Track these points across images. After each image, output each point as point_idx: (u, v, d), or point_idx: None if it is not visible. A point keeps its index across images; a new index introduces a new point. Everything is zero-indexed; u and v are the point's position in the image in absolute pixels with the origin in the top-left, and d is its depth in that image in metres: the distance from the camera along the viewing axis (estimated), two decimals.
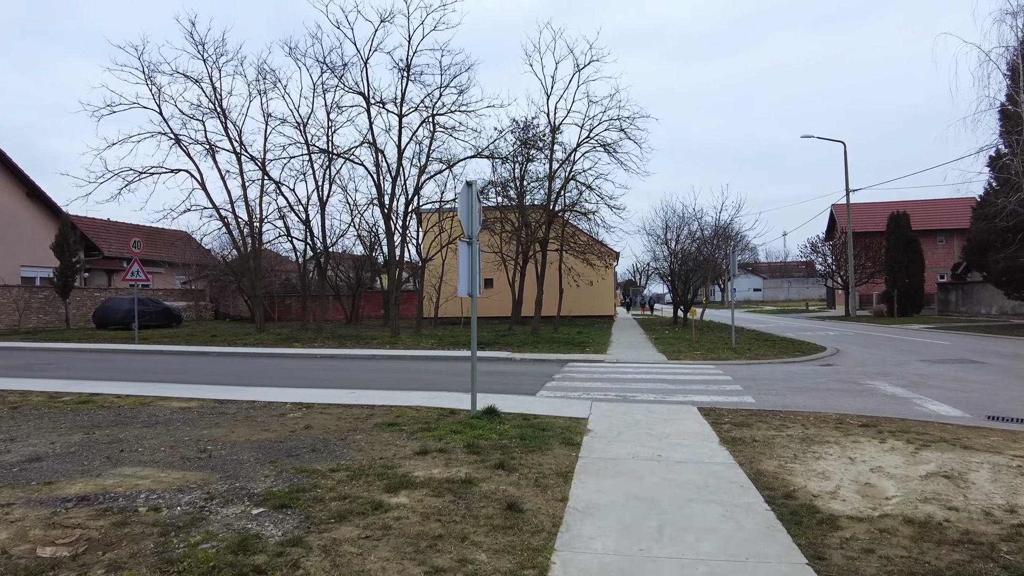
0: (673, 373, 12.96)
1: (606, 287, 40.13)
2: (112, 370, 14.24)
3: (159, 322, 31.06)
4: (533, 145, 23.95)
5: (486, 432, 6.80)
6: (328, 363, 15.93)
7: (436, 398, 9.43)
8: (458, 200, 7.29)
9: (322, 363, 15.94)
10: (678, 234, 31.83)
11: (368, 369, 14.51)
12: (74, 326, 30.42)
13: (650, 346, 19.28)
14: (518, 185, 27.01)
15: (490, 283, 39.98)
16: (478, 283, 7.63)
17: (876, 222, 47.23)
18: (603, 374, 12.87)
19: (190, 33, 23.03)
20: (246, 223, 24.79)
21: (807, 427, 7.36)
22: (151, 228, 38.84)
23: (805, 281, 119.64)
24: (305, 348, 19.29)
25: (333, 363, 15.91)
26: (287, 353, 17.89)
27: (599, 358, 15.83)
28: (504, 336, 23.01)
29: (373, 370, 14.31)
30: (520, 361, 15.61)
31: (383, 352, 17.64)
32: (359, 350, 18.38)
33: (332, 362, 16.15)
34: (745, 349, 17.34)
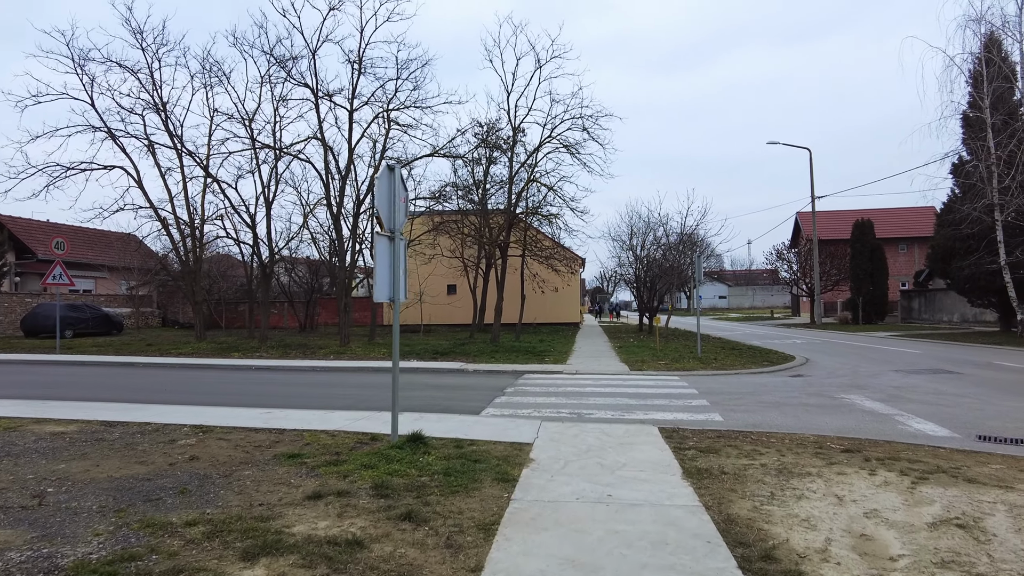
0: (635, 386, 11.94)
1: (572, 294, 39.26)
2: (2, 385, 12.66)
3: (97, 329, 29.09)
4: (494, 145, 22.90)
5: (404, 466, 5.63)
6: (261, 376, 14.55)
7: (363, 419, 8.21)
8: (376, 186, 6.13)
9: (254, 376, 14.56)
10: (643, 240, 31.08)
11: (302, 383, 13.19)
12: (0, 334, 28.29)
13: (613, 355, 18.30)
14: (481, 188, 25.95)
15: (452, 289, 38.79)
16: (402, 286, 6.46)
17: (841, 230, 47.36)
18: (559, 387, 11.80)
19: (127, 20, 21.40)
20: (187, 224, 23.17)
21: (783, 453, 6.36)
22: (96, 231, 36.83)
23: (770, 288, 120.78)
24: (243, 359, 17.83)
25: (266, 376, 14.54)
26: (220, 364, 16.42)
27: (558, 369, 14.76)
28: (463, 345, 21.83)
29: (307, 384, 13.00)
30: (472, 373, 14.44)
31: (325, 363, 16.30)
32: (301, 361, 17.02)
33: (266, 375, 14.77)
34: (711, 358, 16.47)
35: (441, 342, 23.48)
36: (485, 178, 24.27)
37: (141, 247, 26.93)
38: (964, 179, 24.28)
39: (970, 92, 25.69)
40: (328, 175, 20.43)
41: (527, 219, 24.26)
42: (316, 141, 20.71)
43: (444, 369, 14.82)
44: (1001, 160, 23.25)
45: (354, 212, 21.96)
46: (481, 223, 23.90)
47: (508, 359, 16.81)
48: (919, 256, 50.42)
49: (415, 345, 21.94)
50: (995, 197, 23.02)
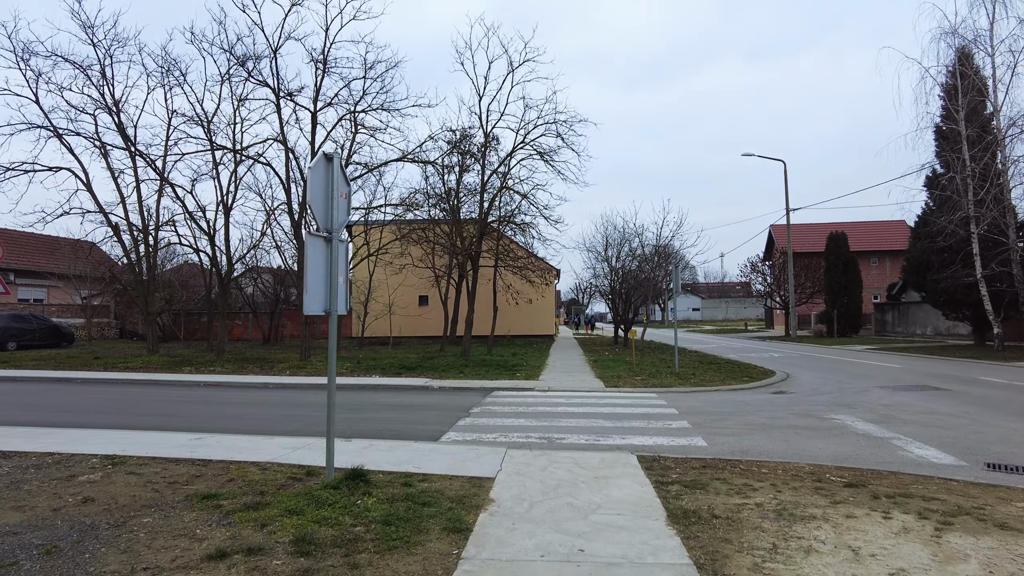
0: (611, 404, 11.13)
1: (546, 305, 38.51)
2: None
3: (44, 341, 27.48)
4: (466, 151, 22.10)
5: (336, 512, 4.70)
6: (208, 393, 13.44)
7: (304, 448, 7.24)
8: (309, 178, 5.23)
9: (200, 393, 13.44)
10: (619, 251, 30.47)
11: (250, 402, 12.13)
12: None
13: (588, 370, 17.50)
14: (453, 196, 25.10)
15: (424, 300, 37.76)
16: (342, 297, 5.56)
17: (815, 242, 47.46)
18: (530, 407, 10.93)
19: (75, 13, 20.19)
20: (139, 230, 21.89)
21: (779, 489, 5.57)
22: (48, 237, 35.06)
23: (743, 301, 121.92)
24: (194, 374, 16.65)
25: (214, 393, 13.43)
26: (166, 380, 15.23)
27: (529, 385, 13.89)
28: (431, 359, 20.85)
29: (256, 403, 11.95)
30: (437, 390, 13.49)
31: (281, 379, 15.21)
32: (256, 376, 15.89)
33: (214, 392, 13.66)
34: (689, 374, 15.75)
35: (410, 355, 22.49)
36: (458, 186, 23.44)
37: (93, 253, 25.41)
38: (940, 191, 24.09)
39: (943, 105, 25.65)
40: (289, 180, 19.40)
41: (500, 228, 23.45)
42: (278, 144, 19.68)
43: (407, 386, 13.85)
44: (976, 173, 23.13)
45: None
46: (453, 232, 23.04)
47: (477, 374, 15.90)
48: (891, 269, 50.78)
49: (381, 359, 20.91)
50: (971, 210, 22.85)
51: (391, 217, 24.19)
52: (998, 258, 22.94)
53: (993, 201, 22.73)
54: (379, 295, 31.87)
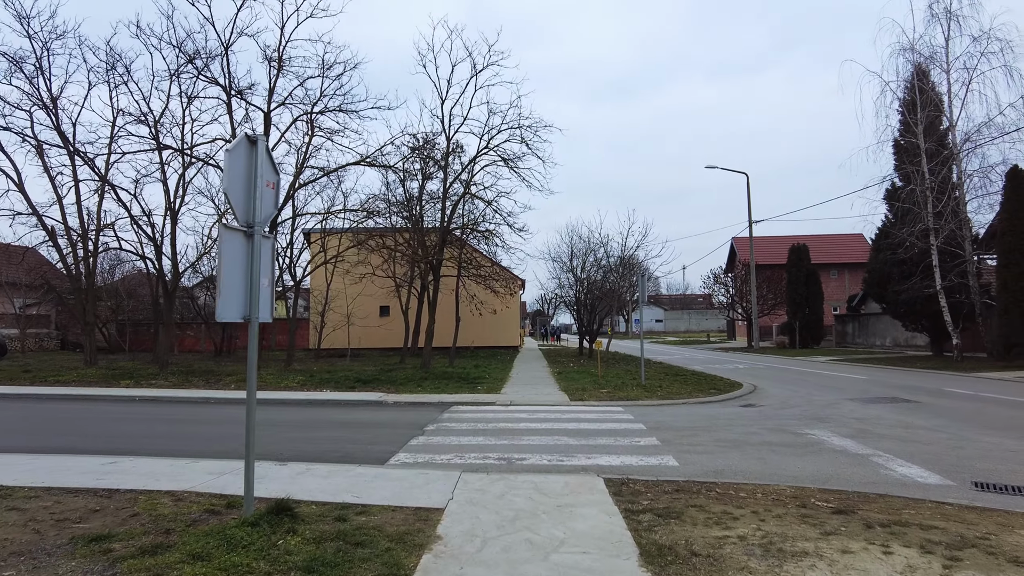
0: (575, 420, 10.51)
1: (511, 316, 37.87)
2: None
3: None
4: (427, 156, 21.41)
5: (251, 557, 3.93)
6: (141, 409, 12.39)
7: (232, 472, 6.43)
8: (226, 162, 4.48)
9: (133, 409, 12.37)
10: (584, 261, 30.09)
11: (185, 419, 11.16)
12: None
13: (552, 382, 16.88)
14: (417, 204, 24.34)
15: (385, 311, 36.74)
16: (266, 301, 4.81)
17: (777, 255, 47.98)
18: (490, 423, 10.23)
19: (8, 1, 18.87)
20: (79, 235, 20.54)
21: (762, 517, 4.99)
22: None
23: (705, 313, 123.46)
24: (132, 388, 15.50)
25: (148, 409, 12.39)
26: (99, 395, 14.06)
27: (491, 399, 13.19)
28: (390, 371, 19.98)
29: (191, 420, 10.99)
30: (392, 406, 12.68)
31: (224, 394, 14.19)
32: (199, 391, 14.83)
33: (148, 408, 12.61)
34: (656, 386, 15.26)
35: (367, 368, 21.57)
36: (420, 192, 22.72)
37: (28, 258, 23.82)
38: (902, 203, 24.31)
39: (901, 120, 26.00)
40: None
41: (463, 235, 22.77)
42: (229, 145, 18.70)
43: (360, 401, 13.00)
44: (935, 186, 23.41)
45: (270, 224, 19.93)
46: (414, 239, 22.28)
47: (437, 388, 15.14)
48: (849, 281, 51.69)
49: (337, 372, 19.94)
50: (931, 222, 23.08)
51: (351, 224, 23.27)
52: (955, 270, 23.20)
53: (951, 214, 23.01)
54: (337, 305, 30.80)
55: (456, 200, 21.14)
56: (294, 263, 25.67)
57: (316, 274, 32.94)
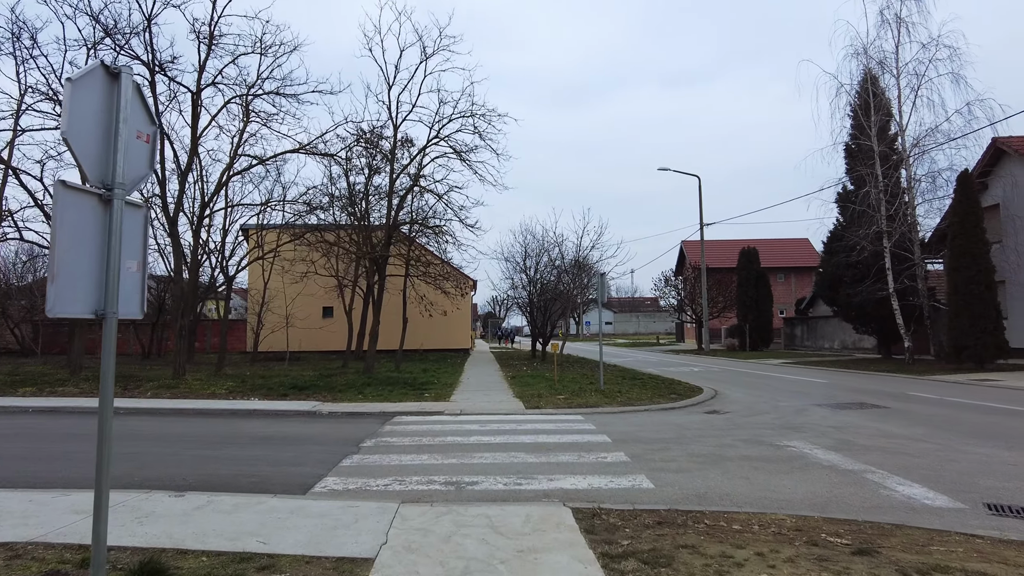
0: (532, 431, 9.47)
1: (462, 317, 36.67)
2: None
3: None
4: (373, 143, 20.05)
5: None
6: (32, 423, 10.73)
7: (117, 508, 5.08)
8: (69, 95, 3.25)
9: (22, 423, 10.70)
10: (537, 261, 29.18)
11: (81, 434, 9.60)
12: None
13: (505, 388, 15.83)
14: (360, 197, 22.92)
15: (328, 312, 35.00)
16: (135, 289, 3.57)
17: (726, 258, 48.27)
18: (437, 436, 9.09)
19: None
20: None
21: (771, 562, 4.05)
22: None
23: (653, 315, 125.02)
24: (29, 397, 13.66)
25: (40, 424, 10.73)
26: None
27: (439, 408, 12.03)
28: (329, 377, 18.55)
29: (86, 436, 9.45)
30: (327, 416, 11.37)
31: (136, 403, 12.56)
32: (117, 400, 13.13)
33: (41, 421, 10.94)
34: (614, 391, 14.39)
35: (306, 373, 20.06)
36: (367, 186, 21.32)
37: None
38: (856, 206, 24.25)
39: (853, 123, 26.07)
40: (164, 170, 16.65)
41: (411, 232, 21.48)
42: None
43: (290, 411, 11.63)
44: (888, 188, 23.45)
45: (198, 215, 18.20)
46: (359, 235, 20.88)
47: (379, 395, 13.86)
48: (796, 285, 52.54)
49: (272, 377, 18.39)
50: (884, 225, 23.08)
51: (291, 219, 21.70)
52: (905, 273, 23.28)
53: (902, 217, 23.08)
54: (277, 305, 29.00)
55: (404, 193, 19.85)
56: (226, 260, 23.78)
57: (253, 272, 31.11)
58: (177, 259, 17.17)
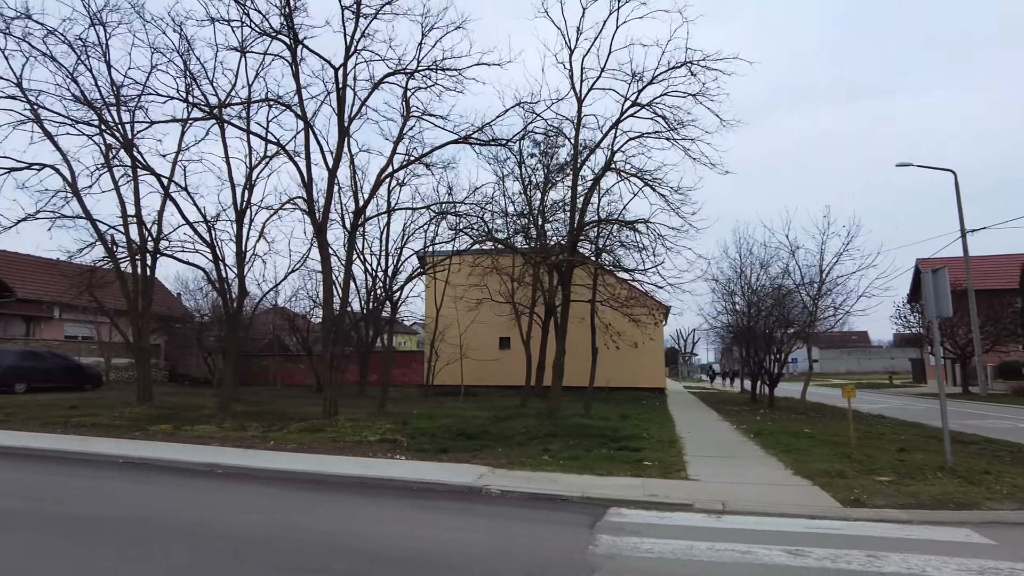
0: (907, 570, 4.28)
1: (654, 351, 31.24)
2: None
3: (62, 382, 23.38)
4: (552, 134, 16.04)
5: None
6: (100, 486, 7.62)
7: None
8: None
9: (87, 485, 7.64)
10: (757, 276, 23.24)
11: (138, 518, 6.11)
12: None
13: (761, 454, 10.47)
14: (537, 201, 19.07)
15: (505, 343, 31.50)
16: None
17: (995, 277, 37.87)
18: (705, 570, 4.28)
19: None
20: (138, 246, 17.14)
21: None
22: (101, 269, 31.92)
23: (867, 351, 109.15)
24: (149, 440, 11.05)
25: (110, 487, 7.60)
26: (66, 453, 9.56)
27: (678, 493, 7.15)
28: (503, 421, 14.48)
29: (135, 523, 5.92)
30: (496, 500, 6.95)
31: (249, 460, 9.15)
32: (223, 451, 9.96)
33: (112, 484, 7.83)
34: (974, 470, 8.41)
35: (477, 415, 16.19)
36: (546, 180, 17.33)
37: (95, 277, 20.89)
38: None
39: None
40: (308, 163, 13.89)
41: (599, 234, 16.89)
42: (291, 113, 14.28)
43: (443, 487, 7.41)
44: None
45: (353, 225, 15.28)
46: (537, 240, 16.91)
47: (573, 457, 9.28)
48: None
49: (438, 419, 14.76)
50: None
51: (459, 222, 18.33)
52: None
53: None
54: (450, 336, 26.01)
55: (593, 181, 15.33)
56: (390, 280, 21.01)
57: (428, 300, 28.71)
58: (326, 276, 14.28)
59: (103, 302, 18.99)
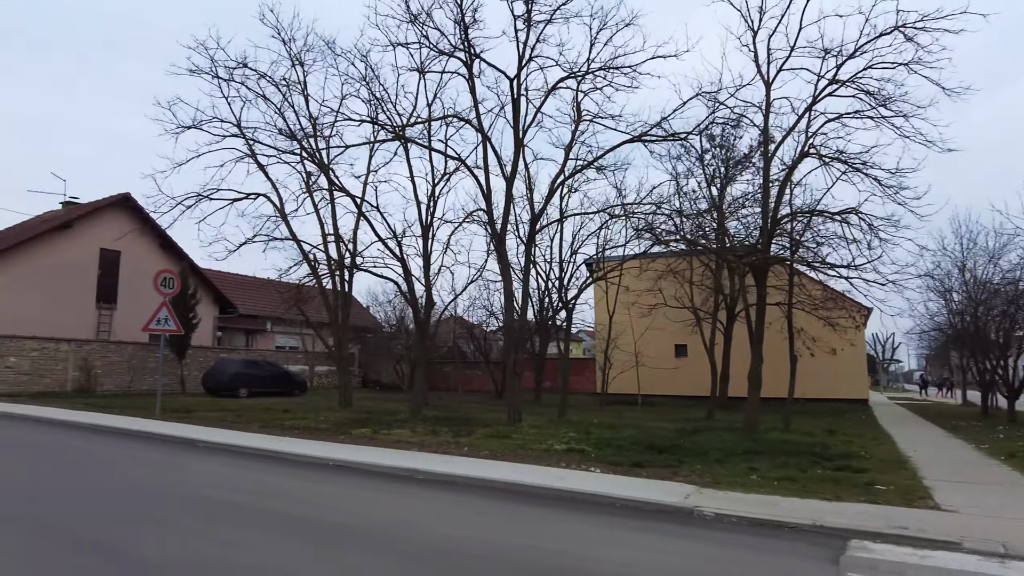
0: None
1: (855, 357, 28.04)
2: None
3: (275, 388, 26.20)
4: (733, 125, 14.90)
5: None
6: (310, 488, 8.10)
7: None
8: None
9: (292, 486, 8.15)
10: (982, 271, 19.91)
11: (332, 525, 6.34)
12: (192, 389, 26.68)
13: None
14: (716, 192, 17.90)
15: (682, 350, 30.08)
16: None
17: None
18: None
19: (276, 30, 17.81)
20: (336, 263, 18.66)
21: None
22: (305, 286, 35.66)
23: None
24: (348, 443, 11.77)
25: (313, 490, 8.05)
26: (285, 455, 10.35)
27: (926, 524, 5.99)
28: (694, 434, 13.61)
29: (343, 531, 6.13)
30: (712, 524, 6.25)
31: (441, 466, 9.29)
32: (428, 454, 10.27)
33: (314, 486, 8.29)
34: None
35: (661, 426, 15.45)
36: (725, 178, 16.20)
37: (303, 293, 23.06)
38: None
39: None
40: (487, 178, 14.15)
41: (792, 227, 15.35)
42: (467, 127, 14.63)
43: (649, 505, 6.87)
44: None
45: (529, 234, 15.32)
46: (719, 242, 15.78)
47: (786, 476, 8.28)
48: None
49: (620, 428, 14.28)
50: None
51: (633, 233, 17.78)
52: None
53: None
54: (623, 342, 25.36)
55: (790, 167, 13.89)
56: (565, 288, 20.87)
57: (599, 307, 28.31)
58: (506, 283, 14.42)
59: (308, 315, 20.84)
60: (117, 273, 26.81)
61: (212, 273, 30.88)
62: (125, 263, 26.90)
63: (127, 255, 26.78)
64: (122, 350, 25.80)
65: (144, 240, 26.74)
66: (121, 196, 27.22)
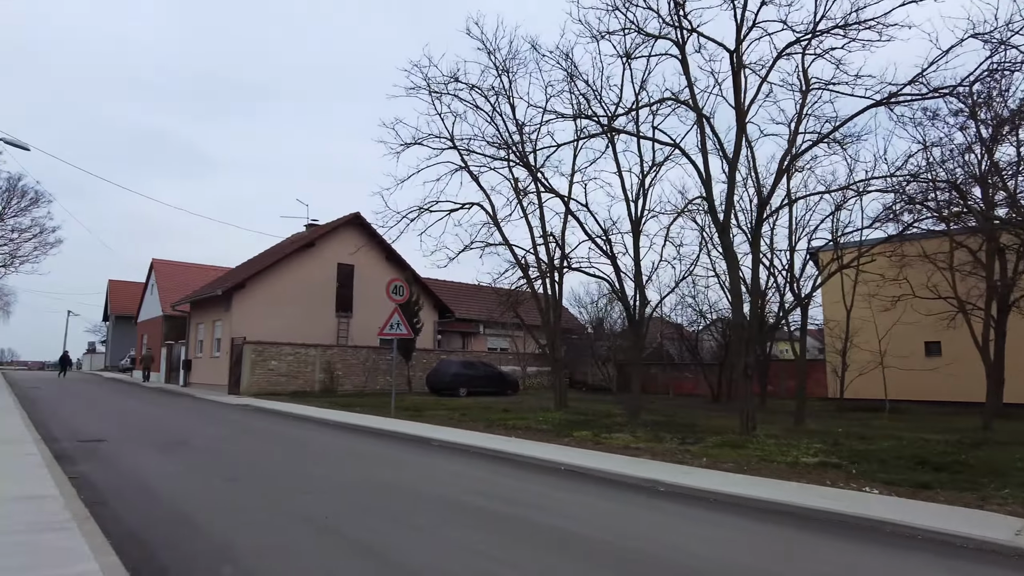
0: None
1: None
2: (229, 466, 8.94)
3: (489, 388, 27.33)
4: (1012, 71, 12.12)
5: None
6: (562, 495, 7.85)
7: None
8: None
9: (533, 491, 7.93)
10: None
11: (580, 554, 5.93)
12: (417, 389, 28.84)
13: None
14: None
15: (935, 348, 25.76)
16: None
17: None
18: None
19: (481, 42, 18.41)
20: (547, 264, 18.74)
21: None
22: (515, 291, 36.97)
23: None
24: (569, 446, 11.52)
25: (566, 500, 7.76)
26: (521, 457, 10.33)
27: None
28: (973, 449, 11.28)
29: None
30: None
31: (679, 475, 8.54)
32: (663, 463, 9.65)
33: (569, 487, 7.99)
34: None
35: (923, 437, 13.14)
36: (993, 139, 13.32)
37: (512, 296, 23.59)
38: None
39: None
40: (706, 162, 13.08)
41: None
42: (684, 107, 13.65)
43: (956, 539, 5.48)
44: None
45: (756, 220, 13.91)
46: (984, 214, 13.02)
47: None
48: None
49: (873, 440, 12.39)
50: None
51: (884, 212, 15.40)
52: None
53: None
54: (862, 340, 22.36)
55: None
56: (797, 281, 18.82)
57: (829, 301, 25.31)
58: (733, 277, 13.22)
59: (522, 317, 21.25)
60: (352, 284, 29.87)
61: (430, 281, 33.18)
62: (358, 275, 29.88)
63: (358, 268, 29.73)
64: (357, 353, 28.63)
65: (372, 253, 29.51)
66: (352, 215, 30.34)
